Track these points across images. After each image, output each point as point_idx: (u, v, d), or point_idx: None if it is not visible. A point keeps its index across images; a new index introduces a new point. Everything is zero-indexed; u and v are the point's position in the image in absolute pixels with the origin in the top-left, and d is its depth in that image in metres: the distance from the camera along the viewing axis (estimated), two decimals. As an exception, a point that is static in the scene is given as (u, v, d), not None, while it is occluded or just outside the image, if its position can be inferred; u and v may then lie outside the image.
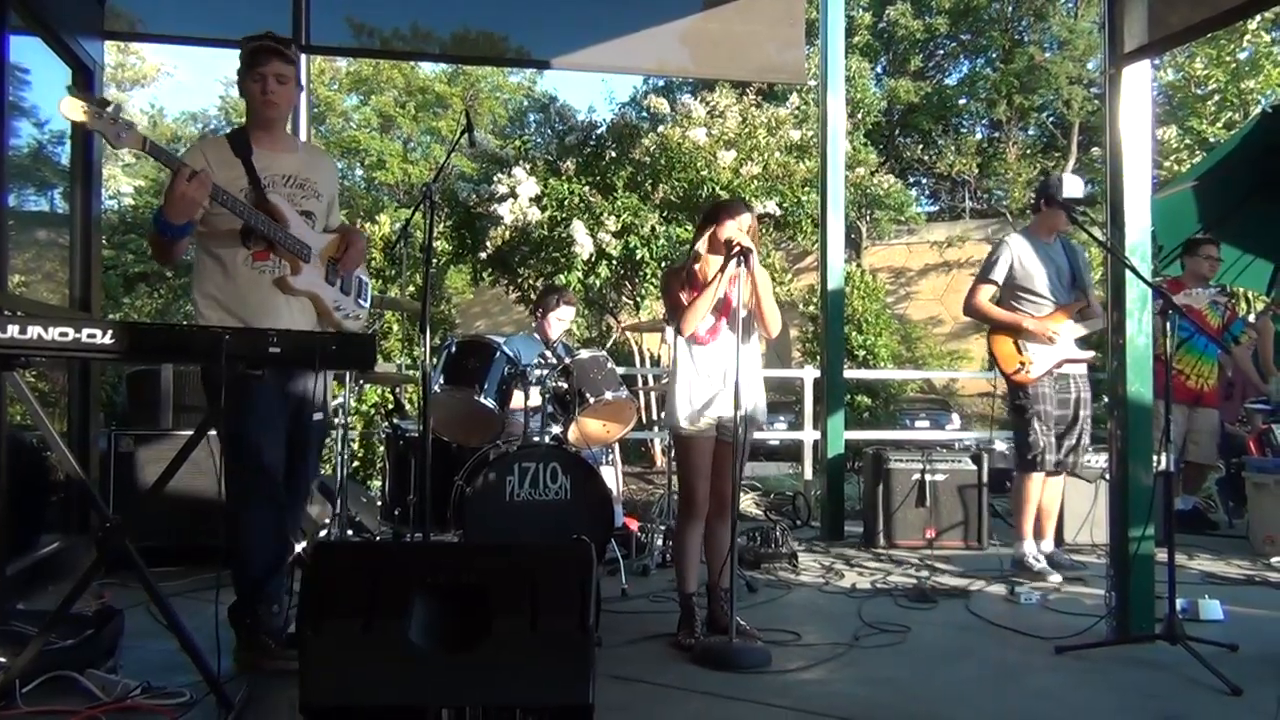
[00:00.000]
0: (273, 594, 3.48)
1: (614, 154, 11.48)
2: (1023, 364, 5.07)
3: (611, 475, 5.91)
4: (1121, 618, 3.85)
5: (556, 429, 5.03)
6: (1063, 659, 3.65)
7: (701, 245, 3.90)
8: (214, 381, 3.31)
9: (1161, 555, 3.71)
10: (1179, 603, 3.63)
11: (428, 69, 27.79)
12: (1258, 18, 14.56)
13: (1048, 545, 5.28)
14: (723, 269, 3.77)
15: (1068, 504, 5.97)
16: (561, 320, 5.61)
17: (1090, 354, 5.15)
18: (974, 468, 6.04)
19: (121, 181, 24.47)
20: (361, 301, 3.80)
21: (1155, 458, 3.92)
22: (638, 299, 11.91)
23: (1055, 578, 5.00)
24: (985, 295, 5.20)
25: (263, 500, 3.41)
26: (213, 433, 3.10)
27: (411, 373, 6.81)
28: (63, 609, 2.83)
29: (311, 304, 3.57)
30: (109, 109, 2.92)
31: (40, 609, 3.61)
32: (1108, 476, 4.38)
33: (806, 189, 11.35)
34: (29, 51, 4.52)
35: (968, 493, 6.00)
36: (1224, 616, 4.20)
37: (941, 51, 27.22)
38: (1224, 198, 7.55)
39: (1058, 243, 5.25)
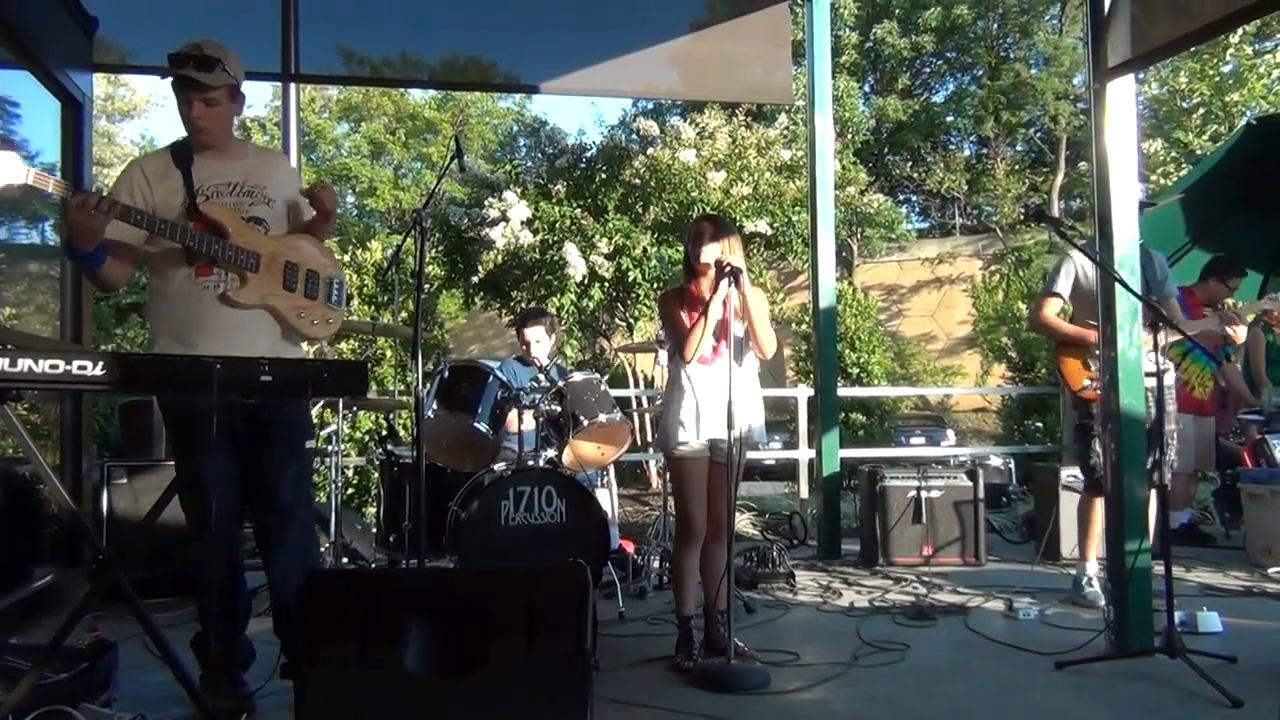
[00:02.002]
0: (226, 629, 3.38)
1: (604, 176, 11.51)
2: (1091, 379, 4.83)
3: (607, 498, 5.89)
4: (1120, 632, 3.85)
5: (551, 452, 5.02)
6: (1062, 674, 3.64)
7: (692, 267, 3.91)
8: (173, 412, 3.30)
9: (1159, 568, 3.72)
10: (1178, 615, 3.63)
11: (417, 95, 27.91)
12: (1239, 31, 14.70)
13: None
14: (714, 289, 3.76)
15: (1065, 518, 5.97)
16: (535, 342, 5.54)
17: (1162, 367, 4.83)
18: (969, 483, 6.03)
19: (113, 212, 24.47)
20: (333, 303, 3.52)
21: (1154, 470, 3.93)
22: (631, 320, 11.91)
23: (1102, 601, 4.67)
24: (1052, 309, 4.96)
25: (209, 532, 3.26)
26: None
27: (405, 398, 6.79)
28: (56, 643, 2.80)
29: (269, 314, 3.35)
30: None
31: (34, 643, 3.58)
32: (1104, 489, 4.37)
33: (797, 208, 11.38)
34: (18, 85, 4.54)
35: (964, 509, 5.99)
36: (1223, 628, 4.20)
37: (928, 69, 27.38)
38: (1211, 209, 7.59)
39: None
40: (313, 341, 3.63)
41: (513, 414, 5.02)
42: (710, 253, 3.77)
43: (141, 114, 28.91)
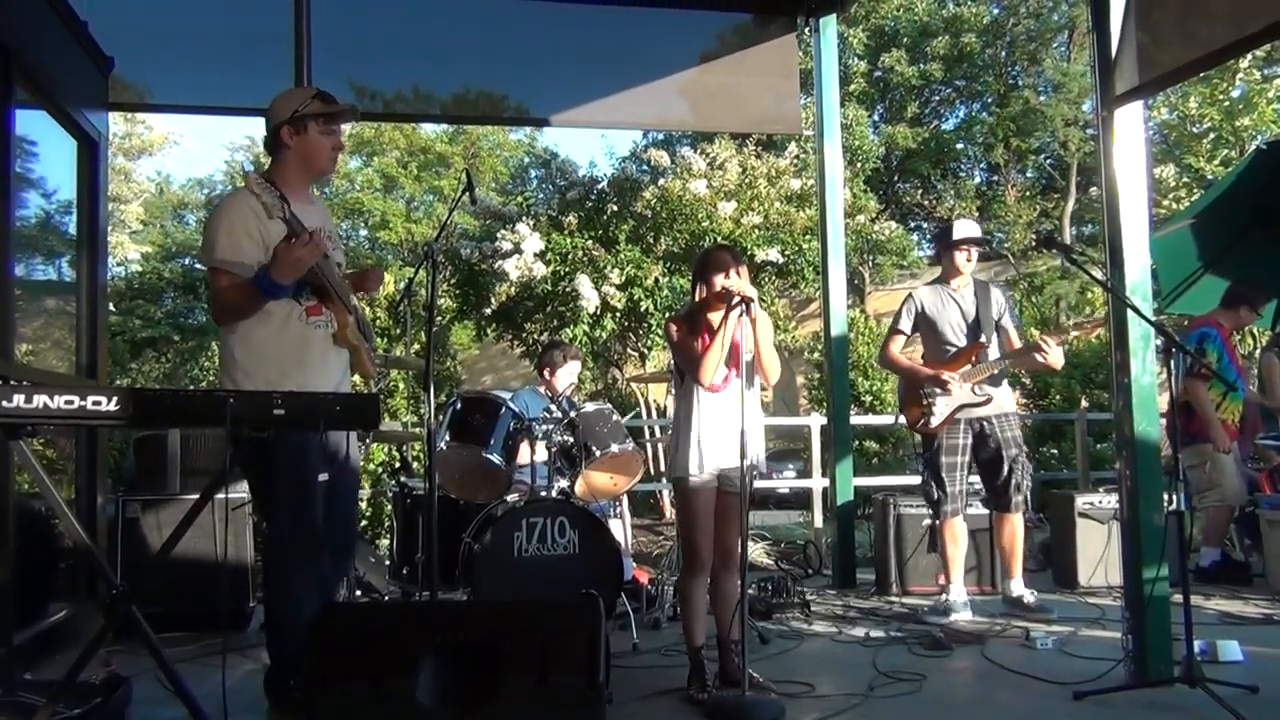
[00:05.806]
0: None
1: (615, 208, 11.57)
2: (923, 414, 5.17)
3: (620, 528, 5.88)
4: (1139, 661, 3.80)
5: (563, 483, 5.02)
6: (1082, 705, 3.59)
7: (700, 296, 3.91)
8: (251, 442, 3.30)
9: (1177, 596, 3.68)
10: (1197, 644, 3.59)
11: (429, 129, 28.15)
12: (1249, 56, 14.72)
13: (1017, 586, 5.26)
14: (725, 318, 3.76)
15: (1082, 546, 5.94)
16: (569, 375, 5.67)
17: (987, 397, 5.13)
18: (985, 511, 5.97)
19: (128, 248, 24.70)
20: (373, 344, 3.78)
21: (1167, 497, 3.90)
22: (643, 350, 11.93)
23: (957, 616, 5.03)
24: (895, 346, 5.35)
25: (309, 561, 3.35)
26: (219, 496, 3.09)
27: (417, 430, 6.80)
28: (70, 678, 2.81)
29: (350, 353, 3.57)
30: None
31: (48, 678, 3.58)
32: (1120, 517, 4.34)
33: (808, 236, 11.41)
34: (35, 124, 4.59)
35: (980, 537, 5.93)
36: (1243, 657, 4.14)
37: (937, 97, 27.48)
38: (1222, 234, 7.57)
39: (970, 288, 5.26)
40: (366, 378, 3.84)
41: (525, 445, 5.02)
42: (732, 282, 3.77)
43: (158, 151, 29.17)
